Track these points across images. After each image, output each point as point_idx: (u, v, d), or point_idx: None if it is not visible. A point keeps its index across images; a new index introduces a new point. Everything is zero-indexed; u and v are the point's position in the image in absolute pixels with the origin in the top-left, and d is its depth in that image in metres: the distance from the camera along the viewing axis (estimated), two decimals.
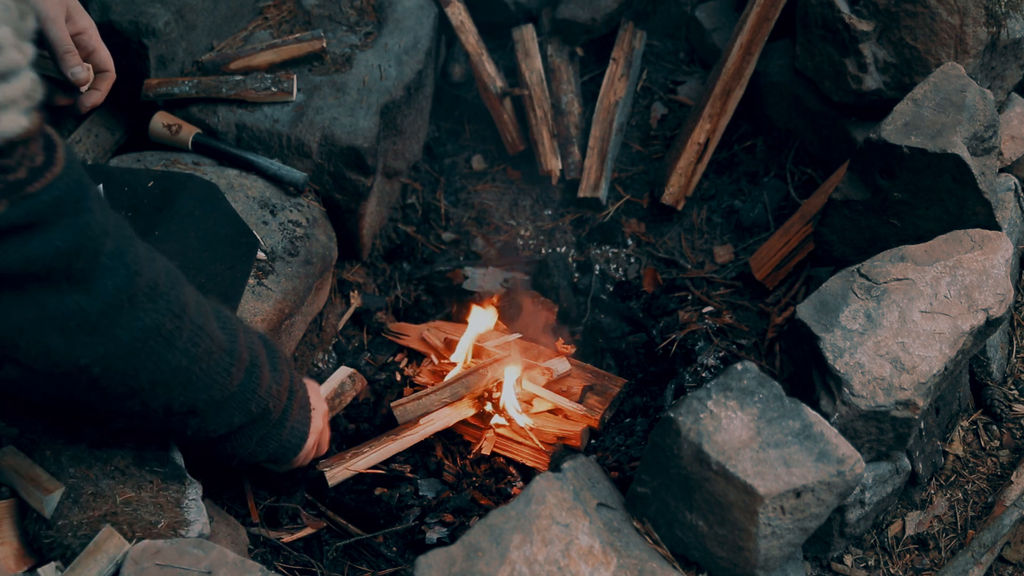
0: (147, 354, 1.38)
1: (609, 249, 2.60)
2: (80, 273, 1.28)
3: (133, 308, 1.35)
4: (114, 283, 1.32)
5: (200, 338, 1.45)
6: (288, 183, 2.20)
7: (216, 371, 1.49)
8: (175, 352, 1.42)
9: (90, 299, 1.30)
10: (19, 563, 1.54)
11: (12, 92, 1.14)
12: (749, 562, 1.54)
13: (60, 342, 1.31)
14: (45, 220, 1.22)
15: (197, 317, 1.45)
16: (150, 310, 1.37)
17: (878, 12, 2.20)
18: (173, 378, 1.44)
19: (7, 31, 1.11)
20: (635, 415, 2.21)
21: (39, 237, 1.22)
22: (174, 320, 1.40)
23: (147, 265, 1.38)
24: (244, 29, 2.42)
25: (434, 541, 1.94)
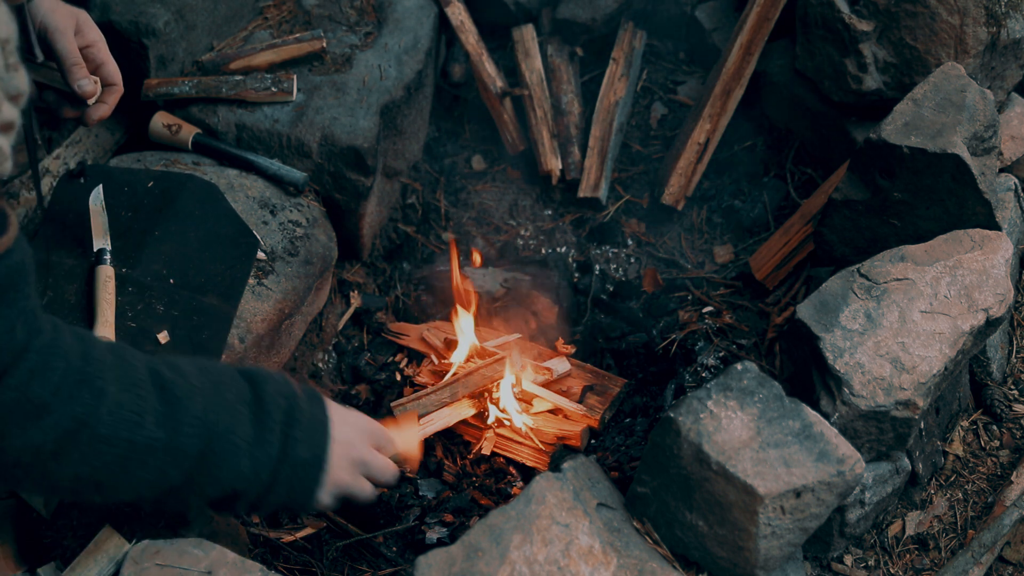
0: (29, 467, 1.27)
1: (609, 249, 2.60)
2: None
3: (7, 426, 1.22)
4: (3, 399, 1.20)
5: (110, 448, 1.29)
6: (288, 183, 2.20)
7: (142, 471, 1.34)
8: (70, 464, 1.28)
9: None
10: (19, 563, 1.54)
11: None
12: (749, 562, 1.54)
13: None
14: None
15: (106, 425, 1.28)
16: (29, 430, 1.23)
17: (878, 12, 2.20)
18: (76, 484, 1.32)
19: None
20: (635, 415, 2.21)
21: None
22: (66, 437, 1.26)
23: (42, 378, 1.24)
24: (244, 29, 2.42)
25: (434, 541, 1.94)
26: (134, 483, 1.34)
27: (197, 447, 1.36)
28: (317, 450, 1.48)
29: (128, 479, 1.33)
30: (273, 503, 1.47)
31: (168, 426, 1.33)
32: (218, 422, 1.38)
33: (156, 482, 1.35)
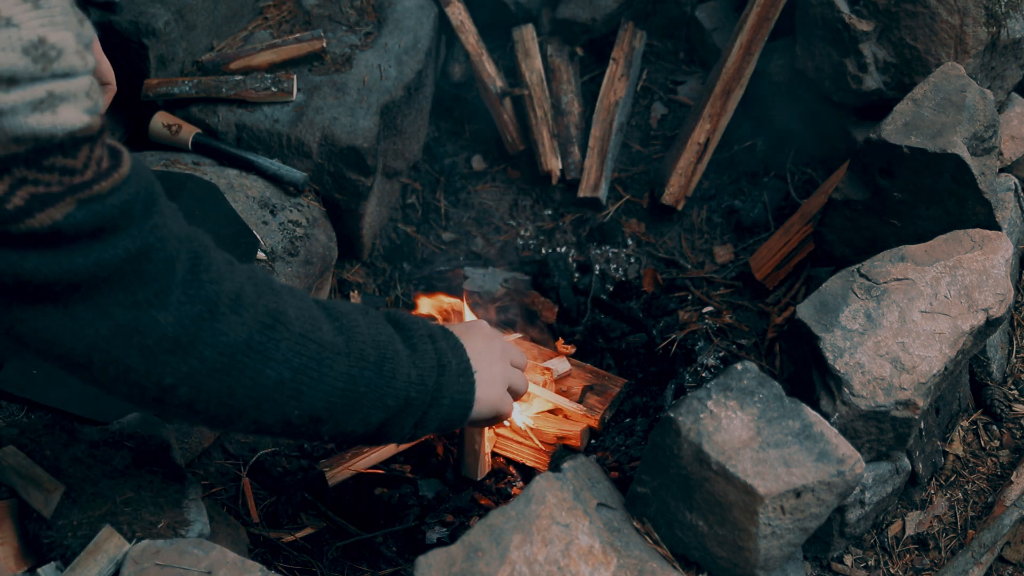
0: (239, 370, 1.29)
1: (609, 249, 2.60)
2: (153, 282, 1.21)
3: (215, 321, 1.26)
4: (191, 293, 1.24)
5: (304, 347, 1.35)
6: (288, 183, 2.20)
7: (331, 377, 1.38)
8: (273, 365, 1.32)
9: (166, 312, 1.22)
10: (19, 563, 1.54)
11: (71, 87, 1.12)
12: (749, 562, 1.54)
13: (138, 361, 1.23)
14: (114, 224, 1.17)
15: (297, 324, 1.35)
16: (234, 323, 1.27)
17: (878, 12, 2.20)
18: (277, 392, 1.34)
19: (69, 36, 1.10)
20: (635, 415, 2.21)
21: (108, 242, 1.17)
22: (265, 332, 1.31)
23: (227, 274, 1.30)
24: (244, 29, 2.42)
25: (434, 541, 1.94)
26: (327, 390, 1.39)
27: (373, 355, 1.43)
28: (463, 361, 1.59)
29: (323, 384, 1.38)
30: (440, 415, 1.55)
31: (344, 334, 1.41)
32: (380, 335, 1.46)
33: (345, 389, 1.40)
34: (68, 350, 1.21)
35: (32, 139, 1.10)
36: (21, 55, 1.07)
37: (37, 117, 1.09)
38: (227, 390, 1.31)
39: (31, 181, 1.11)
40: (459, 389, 1.58)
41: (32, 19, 1.07)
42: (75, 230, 1.14)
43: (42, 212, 1.12)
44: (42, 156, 1.11)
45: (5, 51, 1.06)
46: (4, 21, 1.06)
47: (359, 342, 1.43)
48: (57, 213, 1.13)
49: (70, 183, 1.14)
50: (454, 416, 1.59)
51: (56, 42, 1.09)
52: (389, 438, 1.55)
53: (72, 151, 1.14)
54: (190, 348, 1.25)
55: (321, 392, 1.38)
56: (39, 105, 1.09)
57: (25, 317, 1.18)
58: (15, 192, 1.11)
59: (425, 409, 1.53)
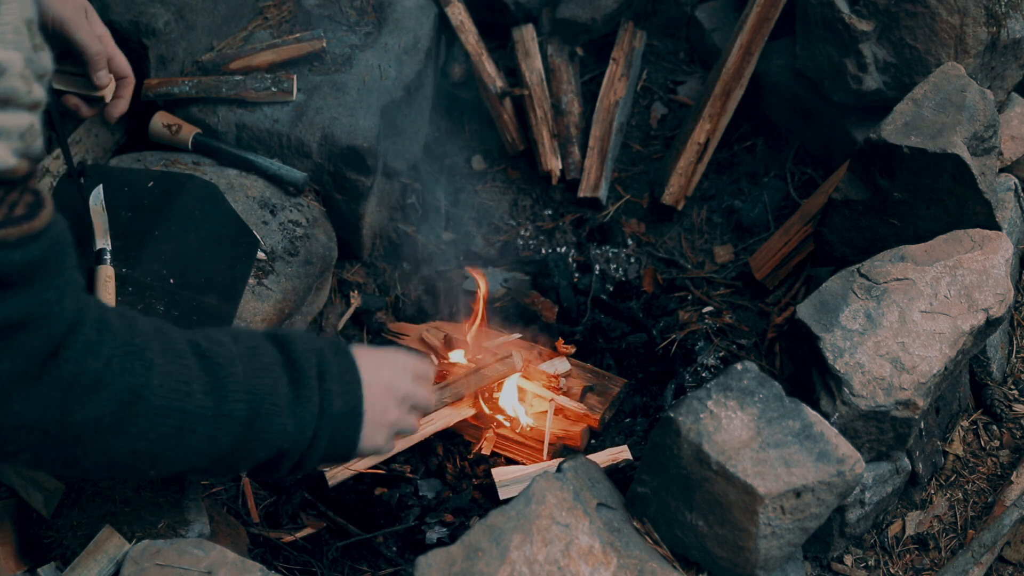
0: (85, 444, 1.26)
1: (609, 249, 2.60)
2: (19, 356, 1.14)
3: (68, 401, 1.21)
4: (51, 373, 1.18)
5: (163, 418, 1.31)
6: (288, 183, 2.20)
7: (192, 441, 1.35)
8: (127, 439, 1.29)
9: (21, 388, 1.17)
10: (19, 563, 1.54)
11: (8, 123, 1.05)
12: (749, 562, 1.54)
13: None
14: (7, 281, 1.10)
15: (159, 396, 1.30)
16: (88, 403, 1.22)
17: (878, 12, 2.20)
18: (131, 460, 1.32)
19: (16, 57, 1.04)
20: (635, 415, 2.21)
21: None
22: (123, 409, 1.26)
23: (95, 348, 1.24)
24: (244, 29, 2.42)
25: (434, 541, 1.94)
26: (187, 453, 1.35)
27: (244, 412, 1.38)
28: (353, 400, 1.50)
29: (182, 450, 1.34)
30: (316, 459, 1.49)
31: (215, 394, 1.35)
32: (259, 386, 1.40)
33: (208, 451, 1.36)
34: None
35: None
36: None
37: None
38: (72, 459, 1.29)
39: None
40: (341, 431, 1.50)
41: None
42: None
43: None
44: None
45: None
46: None
47: (231, 400, 1.37)
48: None
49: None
50: (334, 455, 1.53)
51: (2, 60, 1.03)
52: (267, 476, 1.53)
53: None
54: (38, 426, 1.21)
55: (180, 455, 1.36)
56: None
57: None
58: None
59: (301, 455, 1.49)
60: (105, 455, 1.29)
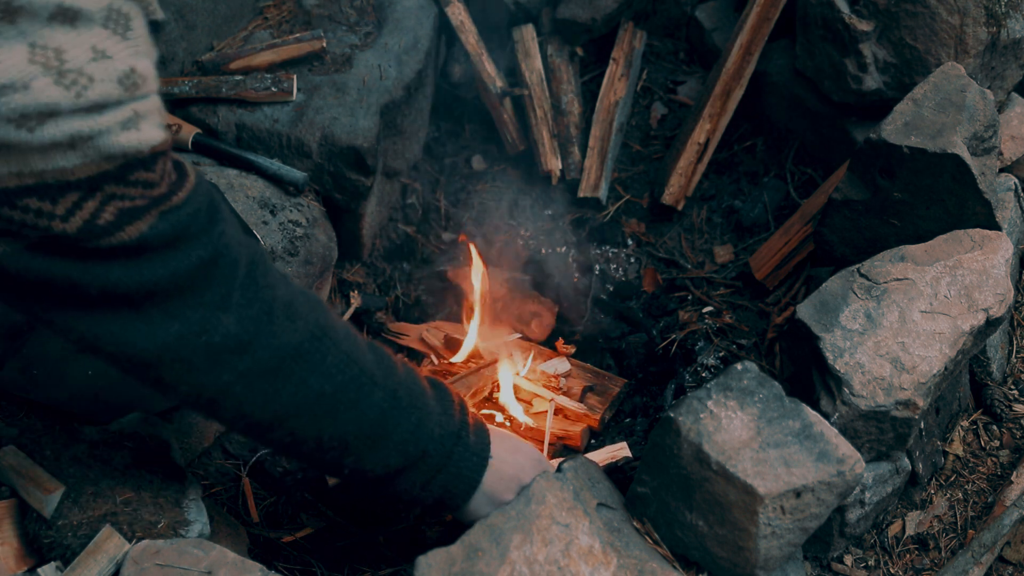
0: (287, 374, 1.36)
1: (609, 249, 2.60)
2: (219, 286, 1.29)
3: (271, 324, 1.34)
4: (249, 296, 1.32)
5: (347, 366, 1.41)
6: (288, 183, 2.20)
7: (365, 404, 1.44)
8: (317, 376, 1.38)
9: (228, 313, 1.30)
10: (19, 563, 1.54)
11: (150, 106, 1.20)
12: (749, 562, 1.54)
13: (203, 359, 1.30)
14: (188, 233, 1.25)
15: (344, 343, 1.41)
16: (288, 328, 1.35)
17: (878, 12, 2.20)
18: (317, 404, 1.40)
19: (150, 64, 1.19)
20: (635, 415, 2.21)
21: (182, 250, 1.25)
22: (315, 342, 1.38)
23: (281, 282, 1.38)
24: (244, 29, 2.42)
25: (434, 541, 1.94)
26: (359, 418, 1.43)
27: (405, 398, 1.48)
28: (483, 444, 1.59)
29: (356, 411, 1.43)
30: (442, 483, 1.56)
31: (382, 368, 1.46)
32: (414, 383, 1.51)
33: (376, 422, 1.45)
34: (140, 351, 1.28)
35: (122, 156, 1.18)
36: (116, 85, 1.15)
37: (126, 135, 1.17)
38: (274, 392, 1.37)
39: (119, 196, 1.19)
40: (469, 465, 1.58)
41: (123, 50, 1.16)
42: (158, 241, 1.23)
43: (131, 225, 1.20)
44: (129, 171, 1.19)
45: (104, 82, 1.14)
46: (100, 54, 1.14)
47: (395, 381, 1.48)
48: (144, 226, 1.21)
49: (151, 196, 1.22)
50: (457, 490, 1.58)
51: (142, 70, 1.18)
52: (397, 490, 1.56)
53: (152, 165, 1.22)
54: (247, 348, 1.32)
55: (354, 416, 1.44)
56: (127, 124, 1.17)
57: (101, 322, 1.26)
58: (105, 208, 1.18)
59: (435, 471, 1.55)
60: (299, 392, 1.38)
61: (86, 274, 1.21)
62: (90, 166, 1.16)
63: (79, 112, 1.13)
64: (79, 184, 1.16)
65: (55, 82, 1.11)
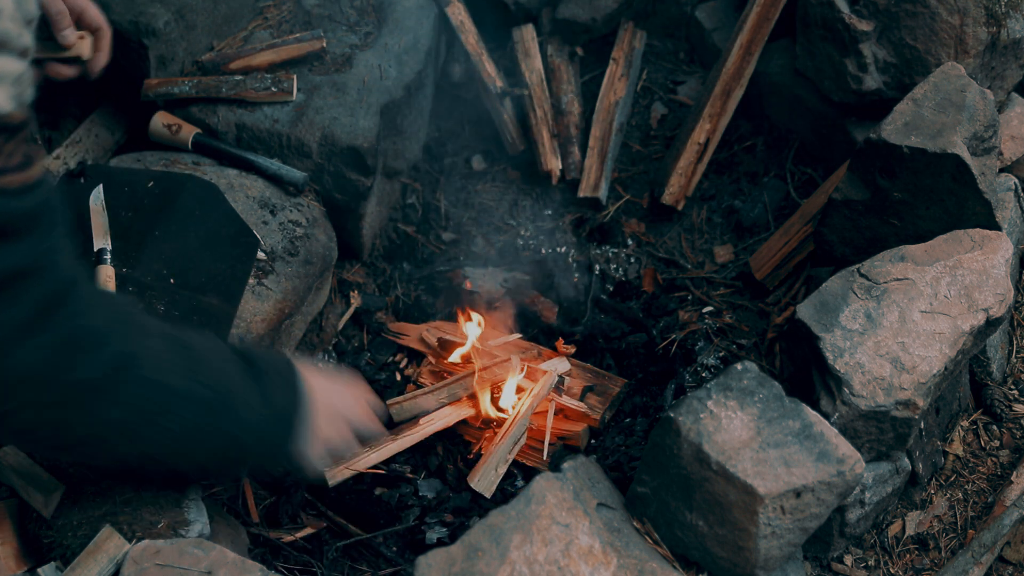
0: (78, 407, 1.29)
1: (609, 249, 2.60)
2: (24, 305, 1.18)
3: (69, 357, 1.25)
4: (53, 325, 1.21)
5: (152, 392, 1.35)
6: (288, 183, 2.20)
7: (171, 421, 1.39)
8: (117, 406, 1.32)
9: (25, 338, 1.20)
10: (19, 563, 1.54)
11: (4, 67, 1.09)
12: (749, 562, 1.54)
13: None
14: (14, 229, 1.14)
15: (148, 367, 1.34)
16: (86, 362, 1.26)
17: (878, 12, 2.20)
18: (114, 432, 1.35)
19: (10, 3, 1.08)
20: (635, 415, 2.21)
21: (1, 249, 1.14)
22: (117, 373, 1.30)
23: (93, 310, 1.28)
24: (244, 29, 2.42)
25: (434, 541, 1.94)
26: (162, 433, 1.39)
27: (217, 401, 1.43)
28: (290, 399, 1.56)
29: (158, 429, 1.38)
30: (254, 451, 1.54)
31: (191, 378, 1.40)
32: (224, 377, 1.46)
33: (180, 434, 1.40)
34: None
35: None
36: None
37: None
38: (64, 423, 1.31)
39: None
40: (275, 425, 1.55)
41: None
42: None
43: None
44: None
45: None
46: None
47: (205, 385, 1.42)
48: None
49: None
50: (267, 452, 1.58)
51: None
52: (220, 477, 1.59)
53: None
54: (38, 379, 1.23)
55: (157, 435, 1.39)
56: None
57: None
58: None
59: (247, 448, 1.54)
60: (92, 422, 1.31)
61: None
62: None
63: None
64: None
65: None
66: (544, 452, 2.08)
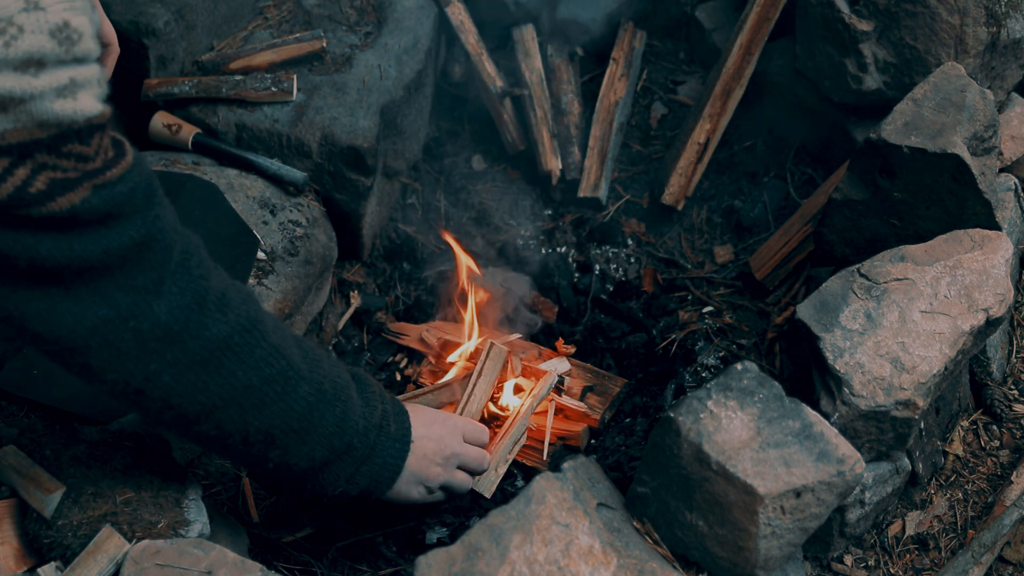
0: (216, 366, 1.36)
1: (609, 249, 2.60)
2: (152, 270, 1.28)
3: (202, 315, 1.33)
4: (181, 284, 1.31)
5: (275, 359, 1.41)
6: (288, 183, 2.20)
7: (292, 398, 1.45)
8: (246, 369, 1.38)
9: (160, 300, 1.29)
10: (19, 563, 1.54)
11: (88, 74, 1.16)
12: (749, 562, 1.54)
13: (132, 345, 1.29)
14: (121, 211, 1.23)
15: (273, 336, 1.41)
16: (219, 320, 1.34)
17: (878, 12, 2.20)
18: (244, 397, 1.40)
19: (87, 21, 1.15)
20: (635, 415, 2.21)
21: (115, 228, 1.23)
22: (244, 335, 1.37)
23: (214, 273, 1.37)
24: (244, 29, 2.42)
25: (434, 541, 1.94)
26: (286, 411, 1.44)
27: (331, 392, 1.50)
28: (403, 430, 1.64)
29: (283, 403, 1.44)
30: (367, 474, 1.60)
31: (308, 362, 1.47)
32: (338, 376, 1.53)
33: (303, 415, 1.46)
34: (68, 332, 1.26)
35: (55, 124, 1.15)
36: (48, 38, 1.11)
37: (61, 103, 1.14)
38: (202, 384, 1.36)
39: (51, 167, 1.16)
40: (392, 452, 1.63)
41: (56, 3, 1.12)
42: (89, 215, 1.20)
43: (63, 196, 1.17)
44: (62, 142, 1.16)
45: (35, 33, 1.10)
46: (32, 4, 1.10)
47: (320, 375, 1.49)
48: (76, 198, 1.18)
49: (84, 169, 1.19)
50: (382, 478, 1.65)
51: (78, 26, 1.13)
52: (322, 484, 1.59)
53: (87, 138, 1.19)
54: (177, 337, 1.31)
55: (281, 410, 1.44)
56: (63, 91, 1.14)
57: (30, 299, 1.23)
58: (36, 177, 1.15)
59: (360, 463, 1.59)
60: (227, 384, 1.38)
61: (16, 244, 1.18)
62: (22, 132, 1.13)
63: (9, 67, 1.09)
64: (10, 149, 1.13)
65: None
66: (544, 452, 2.08)
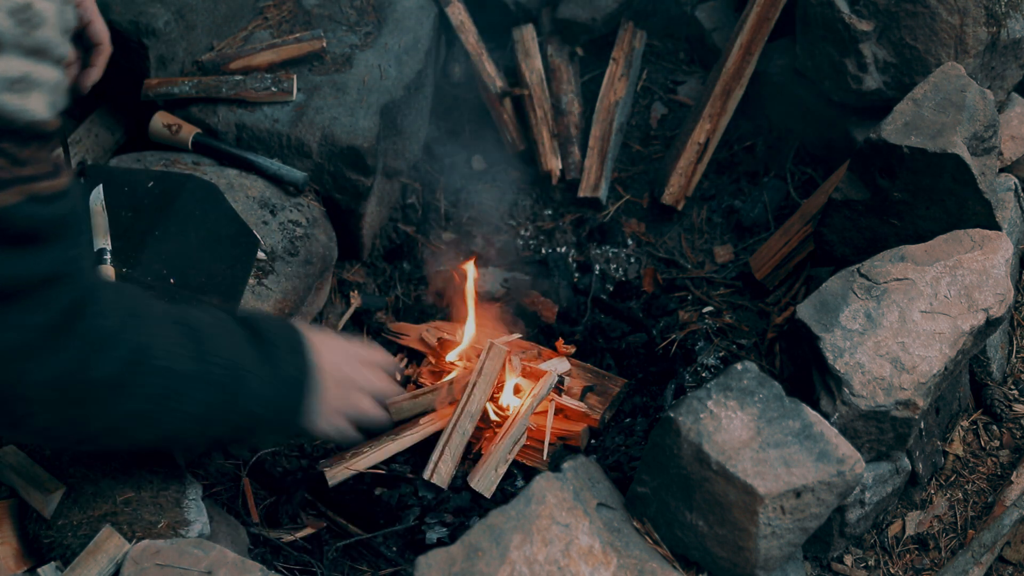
0: (98, 403, 1.33)
1: (609, 249, 2.60)
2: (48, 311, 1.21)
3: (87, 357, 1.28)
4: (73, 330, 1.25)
5: (164, 380, 1.38)
6: (288, 183, 2.20)
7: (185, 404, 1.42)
8: (133, 398, 1.35)
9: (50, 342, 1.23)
10: (19, 563, 1.54)
11: (47, 76, 1.12)
12: (749, 562, 1.54)
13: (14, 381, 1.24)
14: (45, 235, 1.17)
15: (161, 357, 1.37)
16: (103, 360, 1.29)
17: (878, 12, 2.20)
18: (133, 421, 1.39)
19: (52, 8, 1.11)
20: (635, 415, 2.21)
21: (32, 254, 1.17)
22: (130, 367, 1.33)
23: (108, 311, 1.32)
24: (244, 29, 2.42)
25: (434, 541, 1.94)
26: (179, 417, 1.42)
27: (229, 378, 1.46)
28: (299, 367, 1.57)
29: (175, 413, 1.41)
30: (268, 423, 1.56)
31: (200, 360, 1.43)
32: (235, 355, 1.48)
33: (195, 415, 1.43)
34: None
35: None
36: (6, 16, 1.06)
37: (9, 96, 1.09)
38: (82, 420, 1.34)
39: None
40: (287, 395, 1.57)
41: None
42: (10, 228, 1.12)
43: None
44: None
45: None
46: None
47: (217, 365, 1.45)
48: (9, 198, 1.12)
49: (16, 173, 1.12)
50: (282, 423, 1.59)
51: (41, 9, 1.09)
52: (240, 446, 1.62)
53: (25, 142, 1.13)
54: (59, 381, 1.26)
55: (173, 419, 1.43)
56: (14, 84, 1.08)
57: None
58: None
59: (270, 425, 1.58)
60: (110, 416, 1.35)
61: None
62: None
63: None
64: None
65: None
66: (544, 452, 2.08)
